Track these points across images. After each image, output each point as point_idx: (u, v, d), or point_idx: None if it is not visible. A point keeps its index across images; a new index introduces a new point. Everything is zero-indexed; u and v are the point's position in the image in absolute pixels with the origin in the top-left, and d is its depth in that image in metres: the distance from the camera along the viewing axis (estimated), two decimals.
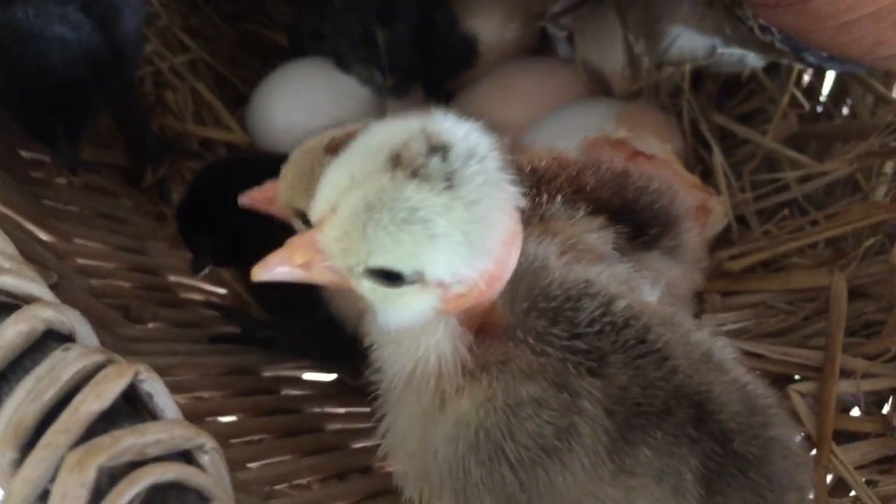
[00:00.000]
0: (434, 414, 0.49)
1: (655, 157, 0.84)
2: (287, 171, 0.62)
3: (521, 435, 0.47)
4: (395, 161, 0.41)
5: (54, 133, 0.79)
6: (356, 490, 0.76)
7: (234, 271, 0.97)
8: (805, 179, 0.95)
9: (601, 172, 0.65)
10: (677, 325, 0.51)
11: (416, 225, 0.41)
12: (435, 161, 0.41)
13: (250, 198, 0.65)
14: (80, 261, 0.88)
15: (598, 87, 1.08)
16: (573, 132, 0.90)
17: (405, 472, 0.54)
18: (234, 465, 0.72)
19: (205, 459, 0.44)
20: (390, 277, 0.43)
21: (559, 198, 0.62)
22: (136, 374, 0.44)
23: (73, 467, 0.39)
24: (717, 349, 0.52)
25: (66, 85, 0.78)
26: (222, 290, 0.98)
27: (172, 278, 0.97)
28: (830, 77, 1.04)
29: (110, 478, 0.40)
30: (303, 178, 0.60)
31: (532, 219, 0.60)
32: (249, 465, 0.74)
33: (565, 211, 0.61)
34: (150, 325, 0.87)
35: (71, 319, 0.48)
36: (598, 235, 0.61)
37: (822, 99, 1.05)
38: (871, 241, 0.81)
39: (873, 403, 0.75)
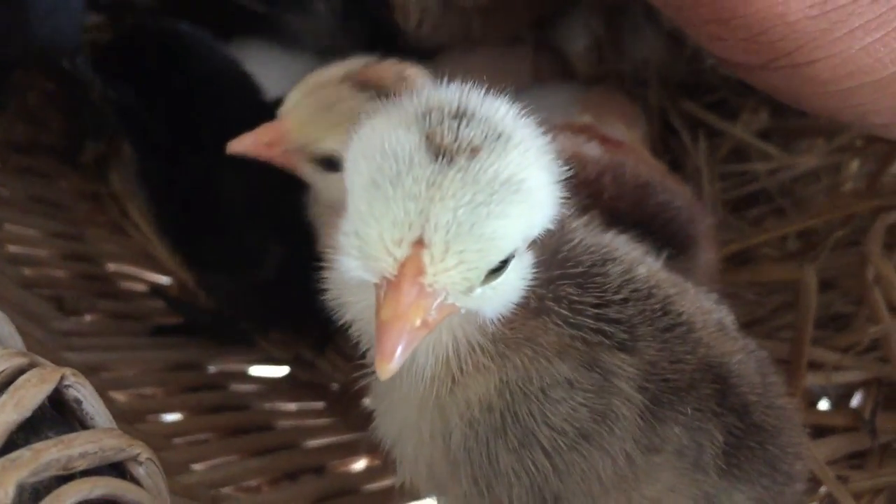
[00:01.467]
0: (442, 396, 0.44)
1: (622, 144, 0.81)
2: (295, 109, 0.56)
3: (555, 419, 0.43)
4: (439, 150, 0.36)
5: None
6: (309, 491, 0.73)
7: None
8: (774, 171, 0.93)
9: (623, 179, 0.60)
10: (689, 292, 0.49)
11: (520, 191, 0.36)
12: (475, 125, 0.36)
13: (244, 145, 0.57)
14: (11, 248, 0.83)
15: (559, 69, 1.04)
16: (535, 117, 0.86)
17: (407, 459, 0.49)
18: (178, 468, 0.68)
19: (139, 471, 0.40)
20: (502, 265, 0.38)
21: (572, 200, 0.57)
22: (62, 378, 0.39)
23: None
24: (724, 317, 0.50)
25: None
26: (166, 279, 0.93)
27: (112, 267, 0.92)
28: None
29: (34, 494, 0.36)
30: (320, 114, 0.54)
31: None
32: (194, 466, 0.70)
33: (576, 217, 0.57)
34: (87, 318, 0.82)
35: None
36: None
37: None
38: (840, 233, 0.80)
39: (842, 396, 0.74)
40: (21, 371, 0.39)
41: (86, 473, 0.38)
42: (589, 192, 0.57)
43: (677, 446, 0.45)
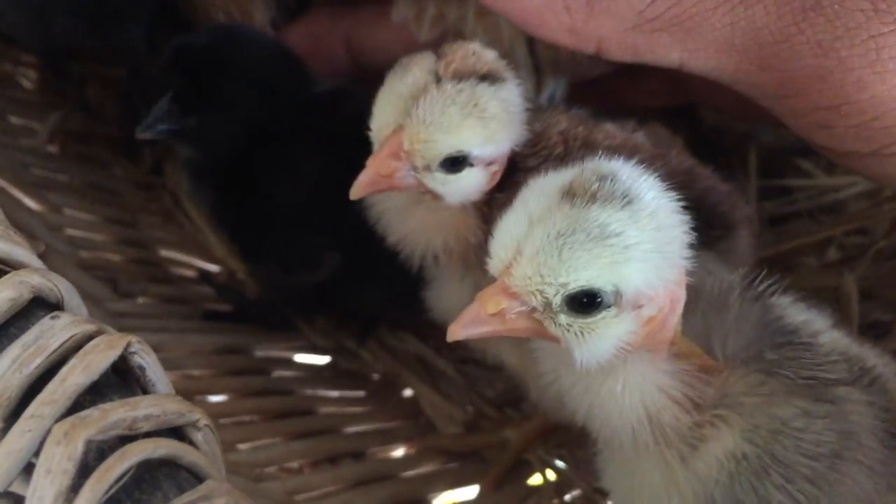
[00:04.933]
0: (686, 458, 0.47)
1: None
2: (407, 124, 0.53)
3: (809, 446, 0.45)
4: (570, 193, 0.43)
5: None
6: (348, 475, 0.74)
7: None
8: (816, 193, 0.94)
9: (671, 166, 0.62)
10: (868, 350, 0.53)
11: (611, 238, 0.42)
12: (608, 184, 0.43)
13: (364, 188, 0.55)
14: (70, 232, 0.86)
15: None
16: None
17: None
18: (224, 446, 0.68)
19: (198, 436, 0.42)
20: (588, 304, 0.43)
21: None
22: (128, 345, 0.42)
23: (59, 440, 0.37)
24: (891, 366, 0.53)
25: None
26: (215, 267, 0.96)
27: (164, 252, 0.95)
28: None
29: (98, 452, 0.38)
30: (436, 119, 0.53)
31: None
32: (239, 446, 0.72)
33: None
34: (140, 300, 0.85)
35: (60, 287, 0.45)
36: None
37: None
38: (882, 244, 0.80)
39: None
40: (90, 337, 0.42)
41: (148, 435, 0.40)
42: None
43: None
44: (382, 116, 0.55)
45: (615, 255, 0.41)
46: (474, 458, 0.78)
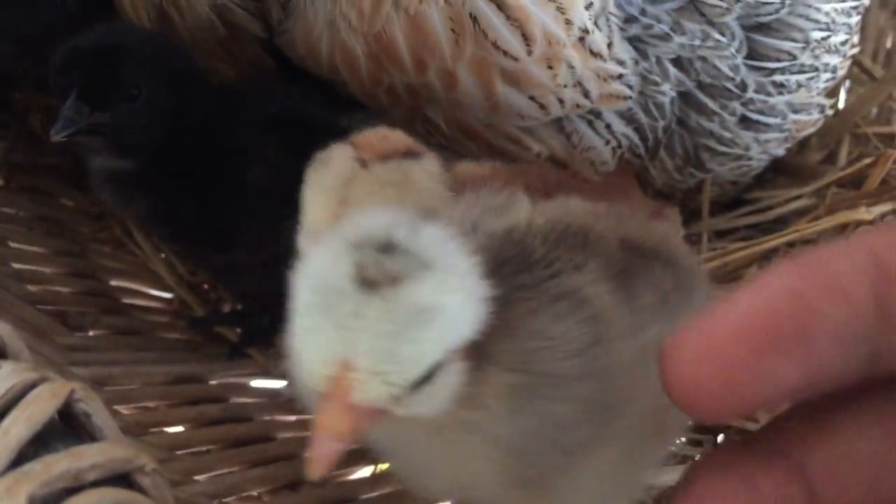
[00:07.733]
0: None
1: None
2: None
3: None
4: (364, 281, 0.40)
5: None
6: (309, 500, 0.74)
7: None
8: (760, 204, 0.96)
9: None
10: None
11: (436, 319, 0.40)
12: (397, 258, 0.41)
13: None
14: (16, 266, 0.85)
15: None
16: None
17: None
18: (181, 478, 0.69)
19: (146, 482, 0.42)
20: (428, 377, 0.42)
21: None
22: (72, 392, 0.41)
23: (2, 496, 0.37)
24: None
25: None
26: (168, 295, 0.95)
27: (114, 283, 0.94)
28: None
29: None
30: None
31: None
32: (197, 477, 0.71)
33: None
34: (91, 333, 0.84)
35: (1, 333, 0.45)
36: None
37: None
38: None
39: None
40: (32, 386, 0.41)
41: (95, 484, 0.39)
42: None
43: None
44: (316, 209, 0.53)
45: (444, 330, 0.41)
46: None
